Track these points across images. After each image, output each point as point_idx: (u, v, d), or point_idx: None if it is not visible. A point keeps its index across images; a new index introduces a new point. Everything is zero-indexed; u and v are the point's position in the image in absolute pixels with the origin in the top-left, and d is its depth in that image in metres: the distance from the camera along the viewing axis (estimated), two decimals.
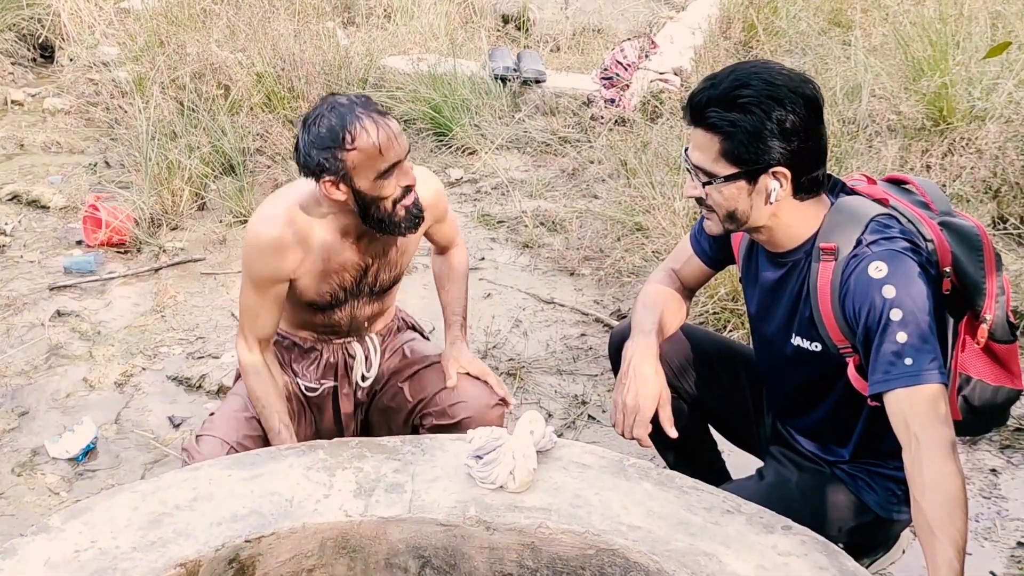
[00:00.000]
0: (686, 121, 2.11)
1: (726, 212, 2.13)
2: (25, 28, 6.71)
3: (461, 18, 7.10)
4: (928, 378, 1.98)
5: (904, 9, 5.74)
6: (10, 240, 4.55)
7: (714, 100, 2.03)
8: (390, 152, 2.30)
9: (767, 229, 2.18)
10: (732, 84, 2.04)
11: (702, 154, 2.08)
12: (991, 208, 4.34)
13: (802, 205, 2.16)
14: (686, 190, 2.17)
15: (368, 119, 2.27)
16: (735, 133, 2.03)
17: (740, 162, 2.06)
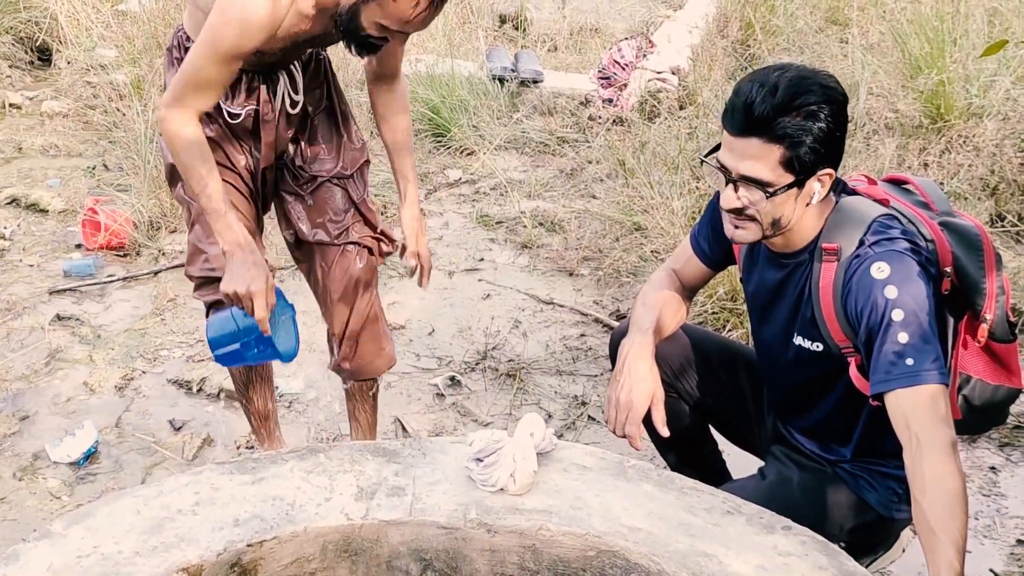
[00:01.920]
0: (735, 132, 2.04)
1: (771, 220, 2.12)
2: (23, 31, 6.70)
3: (459, 18, 7.09)
4: (929, 378, 1.99)
5: (901, 7, 5.74)
6: (9, 244, 4.55)
7: (780, 108, 2.00)
8: (412, 27, 2.26)
9: (789, 232, 2.18)
10: (792, 90, 2.00)
11: (758, 164, 2.04)
12: (989, 206, 4.34)
13: (814, 206, 2.16)
14: (728, 201, 2.10)
15: None
16: (803, 140, 2.01)
17: (799, 169, 2.05)
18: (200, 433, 3.34)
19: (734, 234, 2.17)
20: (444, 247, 4.59)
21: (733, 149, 2.06)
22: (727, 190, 2.10)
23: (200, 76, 2.36)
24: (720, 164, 2.10)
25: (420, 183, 5.10)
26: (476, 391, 3.60)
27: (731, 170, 2.07)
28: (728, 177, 2.08)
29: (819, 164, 2.06)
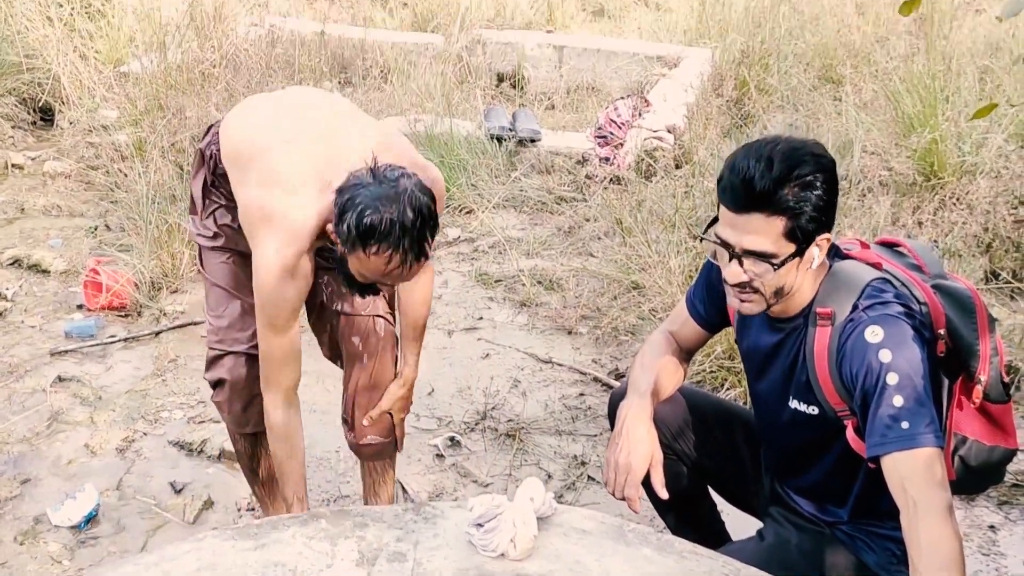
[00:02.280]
0: (736, 208, 2.06)
1: (774, 290, 2.15)
2: (25, 92, 6.76)
3: (456, 78, 7.18)
4: (924, 441, 2.01)
5: (894, 65, 5.82)
6: (11, 305, 4.58)
7: (779, 181, 2.03)
8: (392, 279, 2.38)
9: (788, 297, 2.21)
10: (787, 162, 2.04)
11: (761, 237, 2.06)
12: (983, 263, 4.38)
13: (811, 271, 2.20)
14: (734, 276, 2.12)
15: (401, 258, 2.27)
16: (804, 210, 2.05)
17: (801, 239, 2.09)
18: (201, 495, 3.34)
19: (740, 307, 2.20)
20: (443, 306, 4.62)
21: (735, 225, 2.08)
22: (731, 265, 2.12)
23: (269, 352, 2.57)
24: (721, 240, 2.12)
25: None
26: (476, 451, 3.61)
27: (734, 245, 2.10)
28: (732, 252, 2.11)
29: (818, 231, 2.10)
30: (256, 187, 2.48)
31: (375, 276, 2.37)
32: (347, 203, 2.28)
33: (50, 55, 6.66)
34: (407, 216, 2.26)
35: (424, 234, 2.31)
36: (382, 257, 2.28)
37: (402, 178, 2.31)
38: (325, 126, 2.58)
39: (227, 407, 2.84)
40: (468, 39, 7.69)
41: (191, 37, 6.71)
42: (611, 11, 8.94)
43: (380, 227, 2.25)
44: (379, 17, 8.48)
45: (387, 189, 2.27)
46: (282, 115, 2.63)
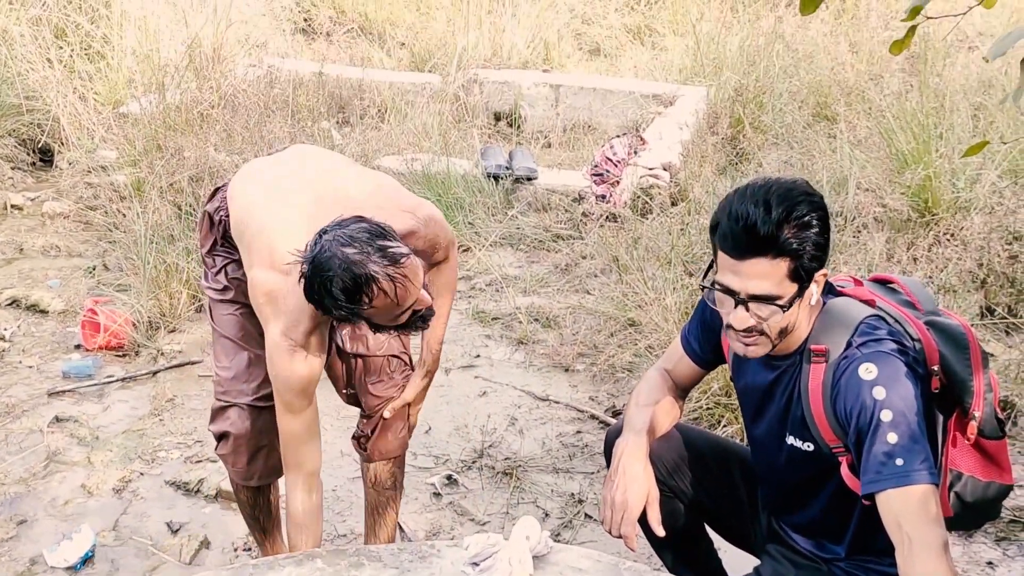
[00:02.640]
0: (740, 255, 2.08)
1: (779, 331, 2.17)
2: (25, 133, 6.80)
3: (454, 117, 7.23)
4: (919, 478, 2.02)
5: (888, 103, 5.86)
6: (9, 345, 4.59)
7: (780, 224, 2.05)
8: (408, 299, 2.32)
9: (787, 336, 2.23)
10: (785, 204, 2.07)
11: (766, 281, 2.09)
12: (978, 299, 4.39)
13: (806, 308, 2.22)
14: (741, 322, 2.13)
15: (384, 278, 2.25)
16: (805, 250, 2.08)
17: (804, 278, 2.12)
18: (198, 535, 3.34)
19: (746, 351, 2.20)
20: None
21: (739, 271, 2.10)
22: (737, 312, 2.13)
23: (296, 434, 2.57)
24: (725, 287, 2.14)
25: None
26: (473, 490, 3.61)
27: (739, 291, 2.11)
28: (737, 299, 2.13)
29: (817, 269, 2.13)
30: (259, 268, 2.50)
31: (398, 312, 2.35)
32: (318, 282, 2.27)
33: (50, 97, 6.70)
34: (350, 253, 2.24)
35: (373, 246, 2.27)
36: (378, 299, 2.27)
37: (320, 241, 2.29)
38: (322, 195, 2.59)
39: (231, 460, 2.85)
40: (465, 79, 7.74)
41: (190, 78, 6.77)
42: (607, 50, 9.00)
43: (346, 282, 2.24)
44: (377, 57, 8.53)
45: (333, 243, 2.26)
46: (281, 185, 2.64)
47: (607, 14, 9.33)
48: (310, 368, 2.50)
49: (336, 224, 2.31)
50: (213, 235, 2.82)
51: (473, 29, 8.48)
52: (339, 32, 9.09)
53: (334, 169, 2.77)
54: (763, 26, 7.91)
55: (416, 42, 8.69)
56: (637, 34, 9.18)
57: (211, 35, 7.28)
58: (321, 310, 2.33)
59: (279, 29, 9.05)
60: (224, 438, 2.83)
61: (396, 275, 2.26)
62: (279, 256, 2.44)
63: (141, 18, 7.46)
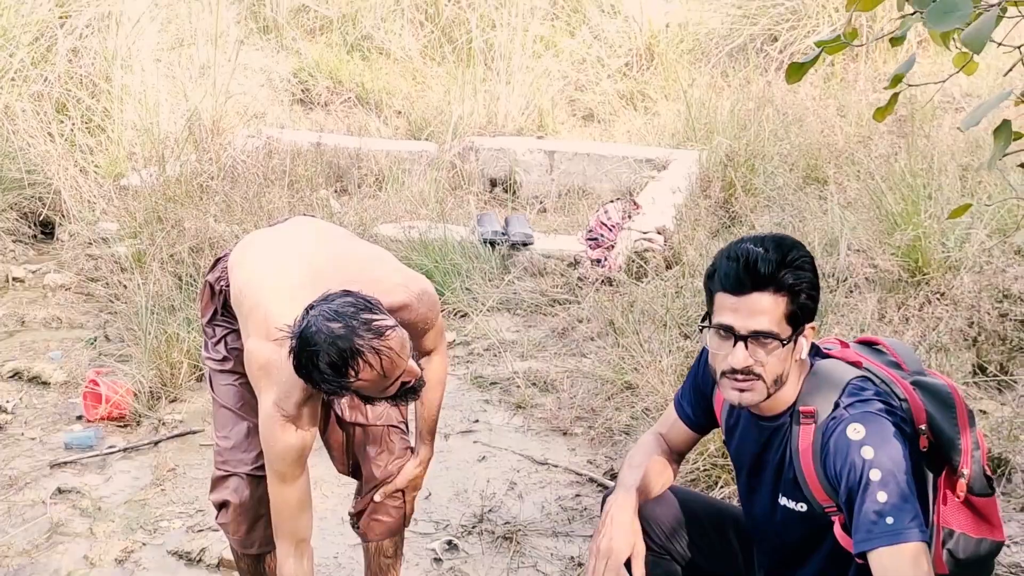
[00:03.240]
0: (741, 291, 2.18)
1: (774, 377, 2.24)
2: (27, 207, 6.88)
3: (450, 184, 7.32)
4: (910, 536, 2.07)
5: (876, 165, 5.95)
6: (11, 418, 4.62)
7: (779, 264, 2.17)
8: (395, 371, 2.38)
9: (778, 390, 2.29)
10: (781, 248, 2.20)
11: (766, 317, 2.18)
12: (970, 357, 4.44)
13: (794, 369, 2.29)
14: (741, 360, 2.20)
15: (370, 352, 2.30)
16: (802, 290, 2.19)
17: (797, 322, 2.21)
18: None
19: (741, 398, 2.27)
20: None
21: (738, 309, 2.19)
22: (737, 350, 2.20)
23: (288, 502, 2.63)
24: (723, 326, 2.21)
25: None
26: (473, 555, 3.63)
27: (739, 329, 2.19)
28: (737, 336, 2.19)
29: (809, 316, 2.21)
30: (255, 338, 2.57)
31: (386, 384, 2.41)
32: (306, 361, 2.33)
33: (51, 170, 6.79)
34: (335, 328, 2.30)
35: (358, 320, 2.32)
36: (364, 372, 2.33)
37: (307, 316, 2.35)
38: (319, 267, 2.66)
39: (232, 528, 2.89)
40: (461, 146, 7.84)
41: (189, 150, 6.87)
42: (601, 116, 9.12)
43: (332, 356, 2.30)
44: (374, 126, 8.65)
45: (319, 319, 2.32)
46: (279, 257, 2.71)
47: (600, 80, 9.47)
48: (301, 439, 2.55)
49: (323, 299, 2.38)
50: (214, 304, 2.88)
51: (468, 98, 8.60)
52: (337, 102, 9.21)
53: (332, 241, 2.84)
54: (753, 90, 8.04)
55: (412, 111, 8.81)
56: (630, 99, 9.30)
57: (210, 108, 7.40)
58: (310, 384, 2.38)
59: (277, 100, 9.18)
60: (224, 507, 2.87)
61: (381, 348, 2.32)
62: (273, 327, 2.50)
63: (141, 92, 7.58)
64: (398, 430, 2.97)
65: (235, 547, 2.96)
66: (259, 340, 2.55)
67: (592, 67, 9.63)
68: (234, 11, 9.70)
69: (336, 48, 9.95)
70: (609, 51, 9.80)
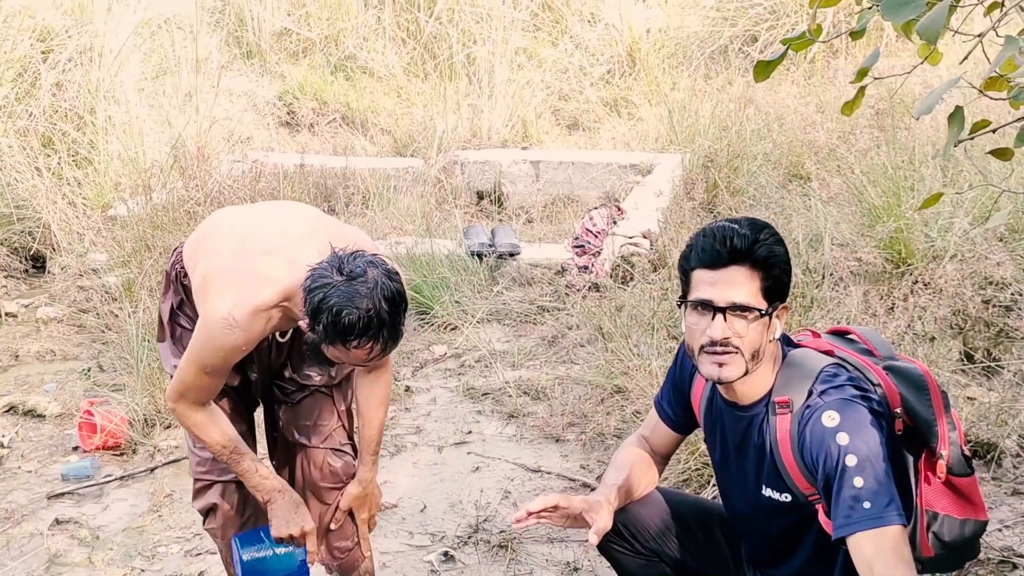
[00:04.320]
0: (719, 265, 2.23)
1: (752, 350, 2.27)
2: (17, 242, 6.92)
3: (436, 199, 7.35)
4: (888, 520, 2.10)
5: (857, 160, 5.98)
6: (8, 452, 4.64)
7: (754, 240, 2.23)
8: (372, 364, 2.50)
9: (749, 379, 2.32)
10: (754, 226, 2.26)
11: (743, 290, 2.23)
12: (957, 345, 4.47)
13: (767, 359, 2.32)
14: (720, 330, 2.24)
15: (376, 339, 2.37)
16: (776, 265, 2.25)
17: (772, 298, 2.26)
18: None
19: (720, 372, 2.29)
20: (432, 422, 4.70)
21: (716, 282, 2.24)
22: (715, 322, 2.25)
23: (194, 383, 2.62)
24: (701, 301, 2.26)
25: (407, 362, 5.24)
26: (470, 564, 3.65)
27: (718, 302, 2.24)
28: (716, 309, 2.24)
29: (782, 294, 2.27)
30: (224, 256, 2.61)
31: (352, 362, 2.47)
32: (320, 304, 2.36)
33: (40, 204, 6.82)
34: (383, 308, 2.35)
35: (399, 320, 2.41)
36: (363, 349, 2.38)
37: (369, 268, 2.39)
38: (291, 218, 2.73)
39: (221, 533, 2.91)
40: (446, 161, 7.88)
41: (175, 177, 6.90)
42: (585, 124, 9.17)
43: (359, 324, 2.34)
44: (359, 145, 8.69)
45: (358, 285, 2.35)
46: (248, 211, 2.84)
47: (583, 89, 9.52)
48: (236, 343, 2.55)
49: (385, 268, 2.43)
50: (170, 295, 2.87)
51: (452, 112, 8.65)
52: (322, 123, 9.26)
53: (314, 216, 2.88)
54: (734, 92, 8.08)
55: (397, 128, 8.86)
56: (614, 106, 9.35)
57: (195, 134, 7.44)
58: (308, 315, 2.40)
59: (263, 124, 9.23)
60: (212, 512, 2.89)
61: (391, 348, 2.42)
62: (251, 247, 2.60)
63: (125, 122, 7.63)
64: (342, 455, 2.98)
65: (225, 552, 2.98)
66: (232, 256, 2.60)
67: (574, 76, 9.69)
68: (216, 38, 9.76)
69: (320, 69, 10.01)
70: (591, 59, 9.86)
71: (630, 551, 2.66)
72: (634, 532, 2.65)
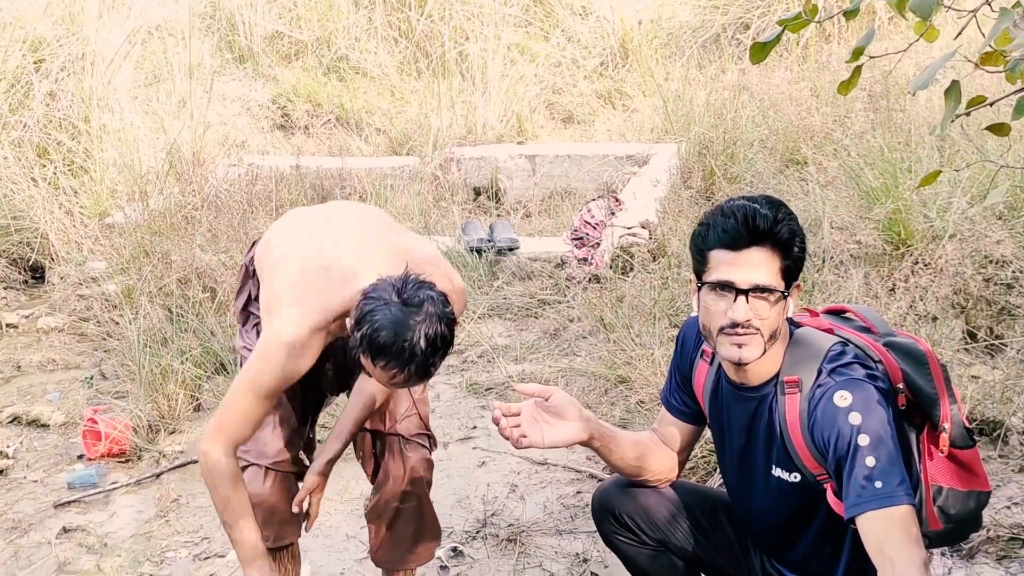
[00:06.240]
0: (740, 246, 2.21)
1: (771, 331, 2.27)
2: (15, 253, 6.91)
3: (434, 196, 7.34)
4: (899, 500, 2.10)
5: (854, 143, 5.97)
6: (13, 462, 4.64)
7: (775, 220, 2.21)
8: (396, 386, 2.49)
9: (763, 355, 2.31)
10: (773, 205, 2.25)
11: (764, 270, 2.22)
12: (959, 324, 4.47)
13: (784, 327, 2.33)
14: (740, 313, 2.22)
15: (403, 370, 2.37)
16: (795, 244, 2.24)
17: (791, 277, 2.26)
18: None
19: (740, 354, 2.28)
20: (437, 419, 4.68)
21: (737, 263, 2.22)
22: (738, 304, 2.23)
23: (242, 412, 2.64)
24: (723, 283, 2.24)
25: None
26: (479, 559, 3.65)
27: (740, 283, 2.22)
28: (738, 291, 2.22)
29: (798, 273, 2.26)
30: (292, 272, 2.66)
31: (376, 379, 2.47)
32: (367, 314, 2.38)
33: (37, 214, 6.82)
34: (419, 346, 2.35)
35: (432, 361, 2.41)
36: (387, 372, 2.38)
37: (428, 303, 2.39)
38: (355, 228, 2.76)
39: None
40: (442, 158, 7.87)
41: (171, 183, 6.90)
42: (580, 116, 9.16)
43: (391, 349, 2.35)
44: (355, 145, 8.68)
45: (408, 313, 2.36)
46: (314, 219, 2.84)
47: (576, 82, 9.51)
48: (296, 367, 2.59)
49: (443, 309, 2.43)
50: (248, 289, 2.91)
51: (446, 109, 8.64)
52: (317, 125, 9.25)
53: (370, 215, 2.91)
54: (728, 80, 8.08)
55: (392, 127, 8.84)
56: (608, 98, 9.34)
57: (190, 140, 7.43)
58: (354, 318, 2.41)
59: (257, 127, 9.22)
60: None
61: (414, 383, 2.45)
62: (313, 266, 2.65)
63: (120, 130, 7.61)
64: (413, 443, 3.00)
65: None
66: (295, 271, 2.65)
67: (568, 69, 9.67)
68: (208, 43, 9.73)
69: (312, 71, 9.99)
70: (583, 52, 9.85)
71: (636, 542, 2.65)
72: (640, 523, 2.64)
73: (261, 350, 2.61)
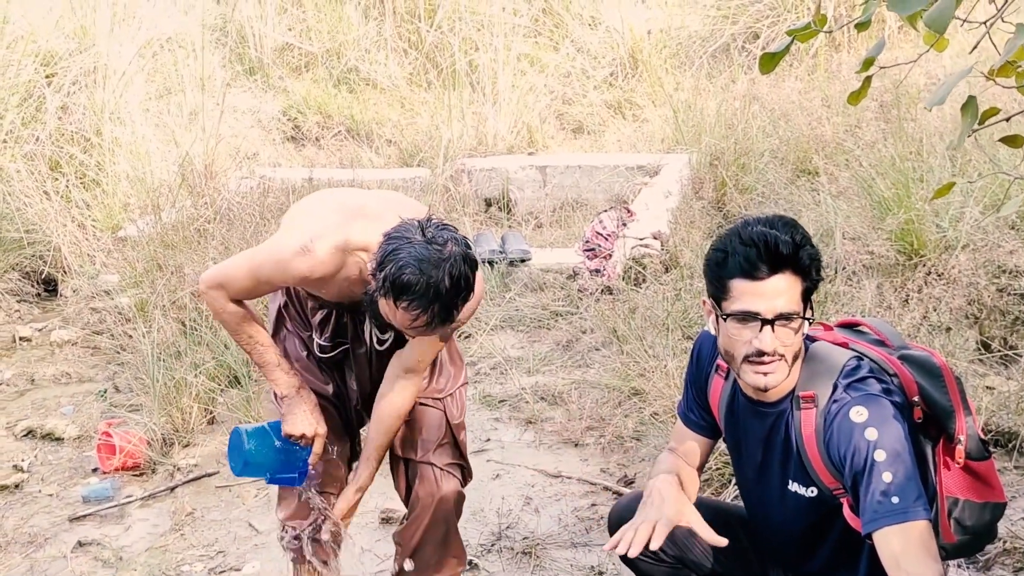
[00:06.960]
0: (763, 275, 2.20)
1: (794, 354, 2.28)
2: (28, 266, 6.94)
3: (445, 207, 7.35)
4: (916, 515, 2.10)
5: (865, 153, 5.97)
6: (28, 476, 4.65)
7: (796, 244, 2.21)
8: (414, 334, 2.49)
9: None
10: (790, 227, 2.23)
11: (787, 297, 2.22)
12: (973, 335, 4.46)
13: None
14: (769, 343, 2.22)
15: (426, 311, 2.36)
16: (813, 267, 2.23)
17: (808, 298, 2.26)
18: None
19: (767, 381, 2.28)
20: None
21: (763, 293, 2.20)
22: (764, 334, 2.22)
23: (239, 280, 2.66)
24: (748, 312, 2.22)
25: None
26: (494, 572, 3.65)
27: (766, 313, 2.21)
28: (764, 321, 2.21)
29: (814, 292, 2.26)
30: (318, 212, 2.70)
31: (398, 325, 2.46)
32: (391, 253, 2.38)
33: (50, 228, 6.85)
34: (444, 284, 2.35)
35: (455, 303, 2.40)
36: (410, 313, 2.37)
37: (451, 242, 2.40)
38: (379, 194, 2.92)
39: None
40: (453, 169, 7.88)
41: (184, 196, 6.92)
42: (590, 127, 9.16)
43: (415, 287, 2.34)
44: (365, 157, 8.70)
45: (433, 251, 2.35)
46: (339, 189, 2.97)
47: (586, 92, 9.52)
48: (308, 270, 2.59)
49: (466, 251, 2.44)
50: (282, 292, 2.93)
51: (456, 121, 8.66)
52: (327, 136, 9.28)
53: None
54: (738, 89, 8.08)
55: (403, 138, 8.86)
56: (618, 109, 9.35)
57: (202, 152, 7.45)
58: (377, 260, 2.41)
59: (268, 140, 9.25)
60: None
61: (437, 326, 2.43)
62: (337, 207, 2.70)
63: (132, 143, 7.65)
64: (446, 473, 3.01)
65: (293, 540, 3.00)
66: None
67: (578, 79, 9.69)
68: (219, 55, 9.77)
69: (323, 83, 10.02)
70: (593, 62, 9.86)
71: (653, 559, 2.64)
72: None
73: (273, 241, 2.65)
